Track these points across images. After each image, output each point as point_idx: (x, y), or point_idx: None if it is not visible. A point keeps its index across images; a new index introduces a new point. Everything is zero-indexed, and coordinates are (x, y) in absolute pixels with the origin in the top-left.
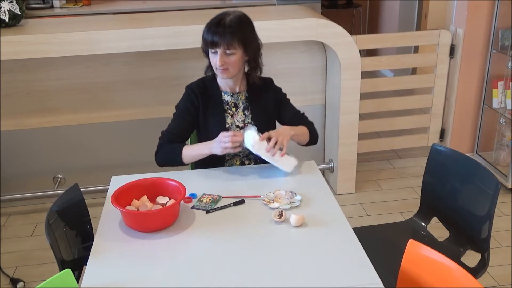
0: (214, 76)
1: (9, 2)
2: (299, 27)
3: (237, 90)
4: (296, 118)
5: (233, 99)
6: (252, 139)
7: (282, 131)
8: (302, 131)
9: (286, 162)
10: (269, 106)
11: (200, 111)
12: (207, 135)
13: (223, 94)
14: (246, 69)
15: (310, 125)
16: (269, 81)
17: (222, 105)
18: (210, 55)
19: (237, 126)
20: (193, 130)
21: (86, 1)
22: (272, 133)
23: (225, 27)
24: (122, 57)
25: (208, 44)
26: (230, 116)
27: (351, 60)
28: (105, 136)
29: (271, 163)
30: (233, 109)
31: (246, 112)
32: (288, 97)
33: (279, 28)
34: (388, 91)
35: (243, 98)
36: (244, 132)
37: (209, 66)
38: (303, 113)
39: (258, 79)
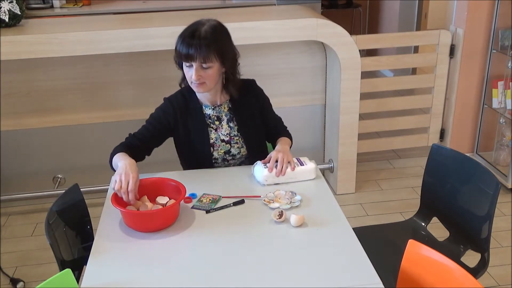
0: (192, 88)
1: (9, 2)
2: (299, 27)
3: (218, 103)
4: (277, 125)
5: (215, 112)
6: (261, 176)
7: (281, 149)
8: (289, 143)
9: (304, 173)
10: (255, 113)
11: (179, 126)
12: (191, 152)
13: (203, 107)
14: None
15: (287, 131)
16: (251, 83)
17: (204, 119)
18: (185, 68)
19: (222, 141)
20: (159, 143)
21: (86, 1)
22: (276, 156)
23: (201, 39)
24: (122, 57)
25: (183, 57)
26: (213, 131)
27: (351, 60)
28: (105, 136)
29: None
30: (216, 122)
31: (231, 124)
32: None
33: (279, 28)
34: (388, 91)
35: (226, 110)
36: (252, 171)
37: (184, 78)
38: (280, 118)
39: (236, 91)
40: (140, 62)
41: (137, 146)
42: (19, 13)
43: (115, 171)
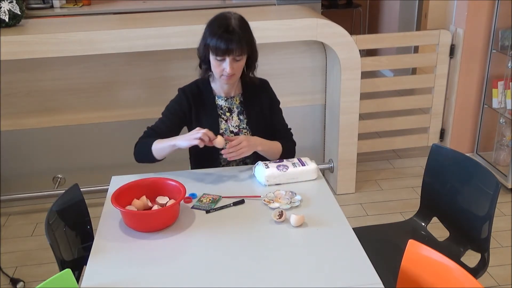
0: (208, 79)
1: (9, 2)
2: (299, 27)
3: (232, 94)
4: (280, 132)
5: (227, 103)
6: (262, 176)
7: (253, 140)
8: (273, 149)
9: (306, 173)
10: (265, 110)
11: (192, 115)
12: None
13: (216, 98)
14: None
15: (289, 144)
16: (265, 83)
17: (216, 110)
18: (214, 61)
19: (231, 132)
20: (176, 133)
21: (86, 1)
22: (241, 138)
23: (236, 33)
24: (122, 57)
25: (219, 52)
26: (224, 121)
27: (351, 60)
28: (105, 136)
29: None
30: (227, 114)
31: (241, 117)
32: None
33: (279, 28)
34: (388, 91)
35: (237, 102)
36: (254, 171)
37: (206, 70)
38: (290, 129)
39: (256, 79)
40: (140, 62)
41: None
42: (19, 13)
43: (141, 161)
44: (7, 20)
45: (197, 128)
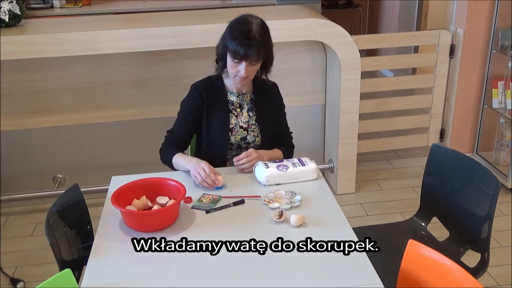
0: (221, 76)
1: (9, 2)
2: (299, 27)
3: (244, 91)
4: (282, 136)
5: (238, 99)
6: (262, 176)
7: (261, 153)
8: (275, 158)
9: (306, 173)
10: (273, 109)
11: (204, 110)
12: (209, 135)
13: (228, 94)
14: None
15: (289, 148)
16: (275, 85)
17: (227, 105)
18: (230, 62)
19: (241, 127)
20: (196, 130)
21: (86, 1)
22: (251, 150)
23: (256, 40)
24: (122, 57)
25: (237, 57)
26: (234, 117)
27: (351, 60)
28: (105, 136)
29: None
30: (238, 109)
31: (251, 113)
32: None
33: (279, 28)
34: (388, 91)
35: (248, 99)
36: (253, 171)
37: (223, 67)
38: (291, 133)
39: (267, 80)
40: (140, 62)
41: (178, 142)
42: (19, 13)
43: (168, 166)
44: (7, 20)
45: (202, 165)
